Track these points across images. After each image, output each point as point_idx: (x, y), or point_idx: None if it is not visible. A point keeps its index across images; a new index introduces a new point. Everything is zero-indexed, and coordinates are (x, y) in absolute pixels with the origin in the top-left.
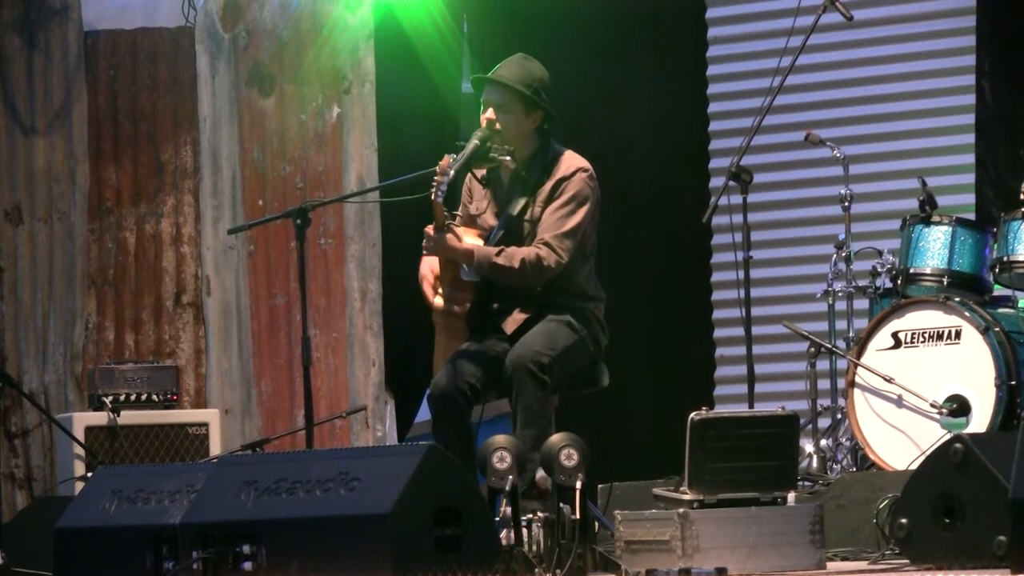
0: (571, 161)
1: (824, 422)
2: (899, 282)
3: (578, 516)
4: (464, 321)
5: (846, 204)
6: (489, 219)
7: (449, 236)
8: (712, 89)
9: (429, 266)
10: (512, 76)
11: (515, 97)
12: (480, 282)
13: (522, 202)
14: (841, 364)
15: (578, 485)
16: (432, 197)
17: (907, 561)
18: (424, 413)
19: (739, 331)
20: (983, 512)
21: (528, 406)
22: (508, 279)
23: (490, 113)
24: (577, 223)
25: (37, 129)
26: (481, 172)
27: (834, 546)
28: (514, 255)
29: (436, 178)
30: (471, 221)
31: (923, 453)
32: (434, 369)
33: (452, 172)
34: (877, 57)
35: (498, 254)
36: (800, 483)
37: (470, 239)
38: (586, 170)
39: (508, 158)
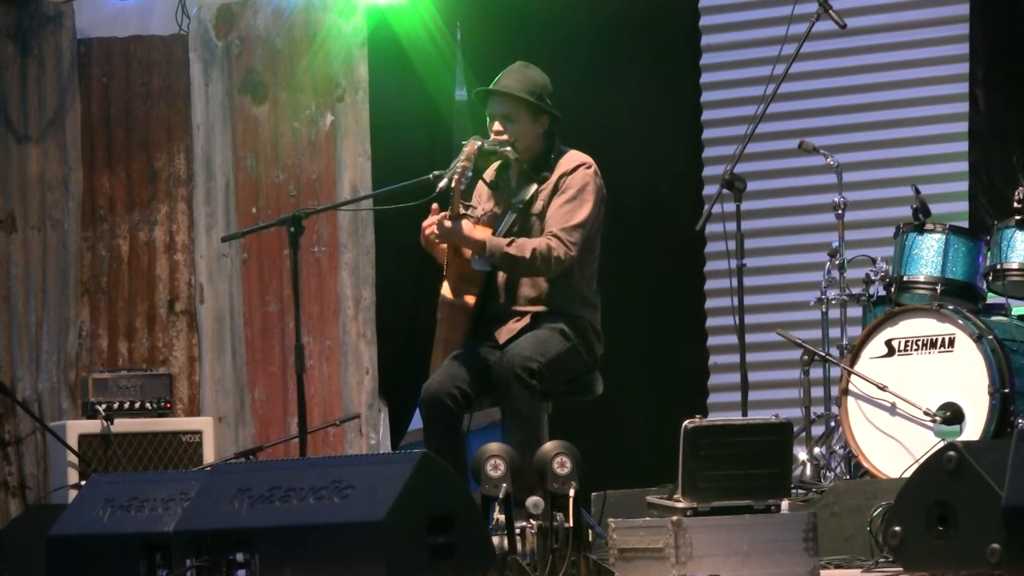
0: (573, 157)
1: (818, 430)
2: (893, 290)
3: (571, 524)
4: (468, 316)
5: (839, 212)
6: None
7: (464, 224)
8: (705, 97)
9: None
10: (516, 85)
11: (521, 106)
12: (481, 284)
13: (528, 197)
14: (835, 372)
15: (571, 493)
16: (453, 184)
17: (901, 569)
18: (418, 421)
19: (733, 339)
20: (976, 520)
21: (517, 411)
22: (519, 270)
23: (497, 126)
24: (584, 217)
25: (30, 136)
26: (490, 176)
27: (828, 554)
28: (525, 246)
29: (461, 163)
30: (476, 223)
31: (917, 461)
32: (431, 361)
33: (445, 181)
34: (870, 65)
35: (510, 244)
36: (794, 491)
37: (481, 231)
38: (588, 165)
39: (509, 148)
